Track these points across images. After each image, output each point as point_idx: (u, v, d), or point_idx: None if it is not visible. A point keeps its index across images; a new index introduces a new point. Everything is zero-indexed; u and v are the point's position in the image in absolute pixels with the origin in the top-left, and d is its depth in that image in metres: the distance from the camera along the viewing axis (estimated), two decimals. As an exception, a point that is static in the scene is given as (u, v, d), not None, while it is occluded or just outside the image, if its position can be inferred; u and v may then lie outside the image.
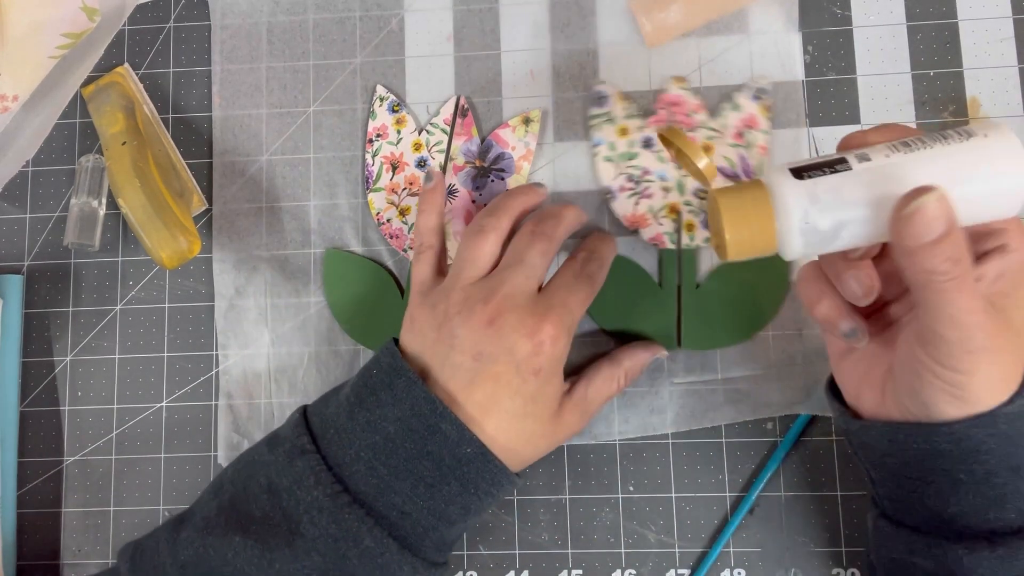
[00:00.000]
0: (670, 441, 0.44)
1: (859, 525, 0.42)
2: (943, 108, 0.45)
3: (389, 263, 0.46)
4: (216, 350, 0.46)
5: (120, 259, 0.47)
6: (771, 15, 0.46)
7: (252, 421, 0.46)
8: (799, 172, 0.30)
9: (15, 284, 0.47)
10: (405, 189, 0.46)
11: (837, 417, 0.37)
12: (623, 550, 0.44)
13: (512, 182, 0.45)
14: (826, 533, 0.43)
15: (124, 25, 0.49)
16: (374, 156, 0.46)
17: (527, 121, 0.46)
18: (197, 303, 0.47)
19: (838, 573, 0.42)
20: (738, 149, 0.44)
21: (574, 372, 0.41)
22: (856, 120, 0.45)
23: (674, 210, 0.44)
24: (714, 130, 0.45)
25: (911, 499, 0.34)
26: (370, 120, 0.47)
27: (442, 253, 0.41)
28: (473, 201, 0.46)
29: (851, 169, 0.30)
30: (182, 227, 0.42)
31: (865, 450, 0.35)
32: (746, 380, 0.44)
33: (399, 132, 0.46)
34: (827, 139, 0.45)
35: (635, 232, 0.45)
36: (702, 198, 0.44)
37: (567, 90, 0.46)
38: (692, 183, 0.44)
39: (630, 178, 0.45)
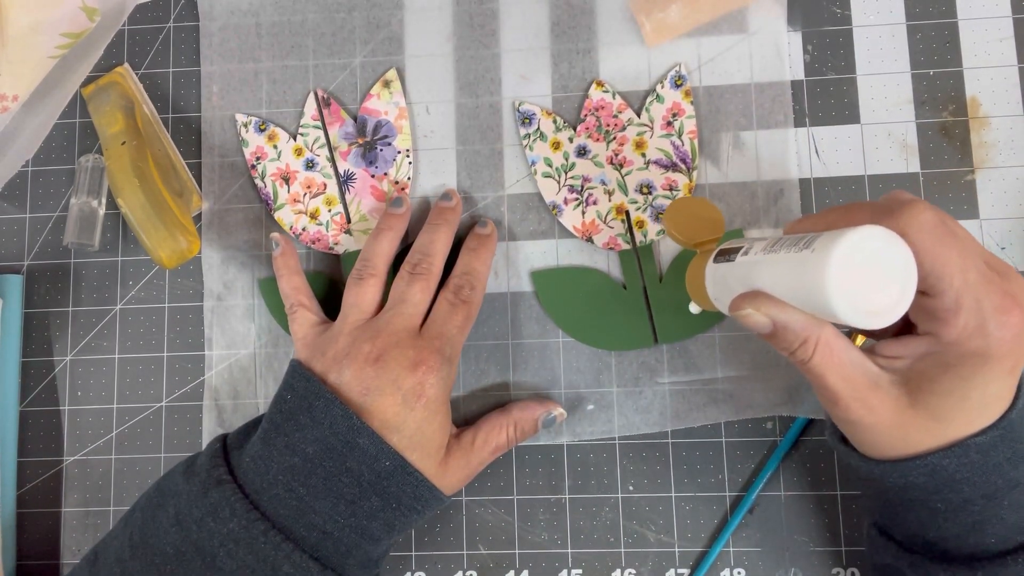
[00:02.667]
0: (670, 441, 0.44)
1: (859, 525, 0.42)
2: (943, 108, 0.45)
3: (323, 267, 0.46)
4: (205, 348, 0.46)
5: (120, 259, 0.47)
6: (771, 15, 0.46)
7: (237, 416, 0.46)
8: (719, 255, 0.35)
9: (15, 284, 0.47)
10: (306, 194, 0.46)
11: (827, 436, 0.37)
12: (623, 550, 0.43)
13: (398, 143, 0.46)
14: (826, 533, 0.43)
15: (124, 25, 0.49)
16: (263, 179, 0.47)
17: (387, 83, 0.47)
18: (197, 303, 0.47)
19: (838, 573, 0.42)
20: (670, 138, 0.45)
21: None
22: (856, 119, 0.45)
23: (621, 211, 0.45)
24: (644, 125, 0.45)
25: (896, 520, 0.35)
26: (243, 148, 0.47)
27: (315, 308, 0.43)
28: (372, 175, 0.46)
29: (733, 261, 0.34)
30: (181, 227, 0.42)
31: (852, 471, 0.36)
32: (729, 381, 0.44)
33: (276, 147, 0.47)
34: (827, 139, 0.45)
35: (589, 240, 0.45)
36: (646, 193, 0.45)
37: (567, 90, 0.46)
38: (634, 181, 0.45)
39: (572, 188, 0.45)
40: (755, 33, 0.46)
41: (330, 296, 0.45)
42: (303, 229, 0.46)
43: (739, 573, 0.43)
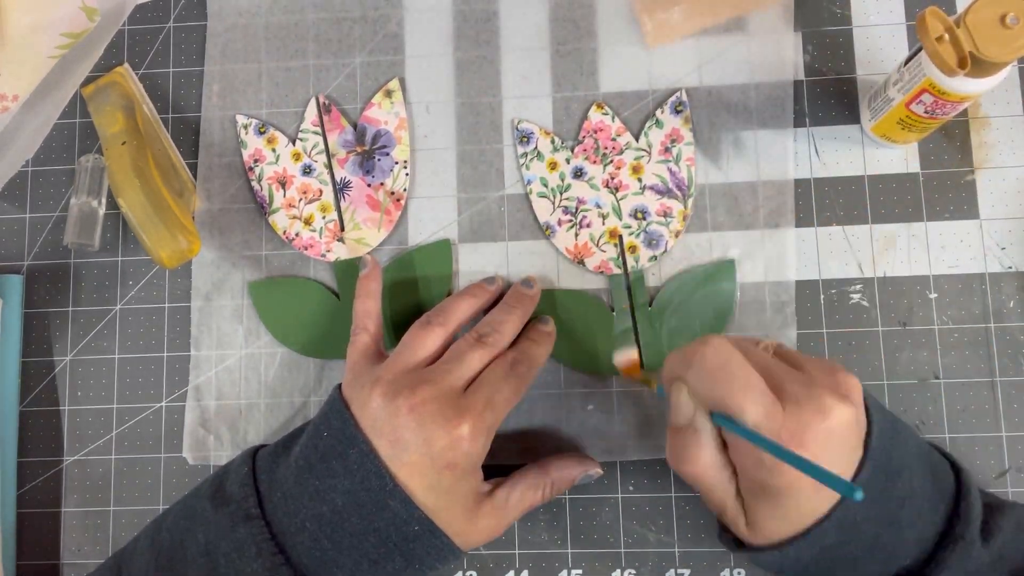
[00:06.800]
0: (670, 441, 0.44)
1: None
2: (943, 108, 0.45)
3: (312, 272, 0.46)
4: (191, 347, 0.46)
5: (120, 259, 0.47)
6: (770, 16, 0.46)
7: (220, 418, 0.46)
8: None
9: (15, 284, 0.47)
10: (301, 200, 0.46)
11: (725, 545, 0.38)
12: (623, 550, 0.43)
13: (396, 154, 0.46)
14: (826, 533, 0.43)
15: (124, 25, 0.49)
16: (259, 181, 0.47)
17: (389, 93, 0.47)
18: (197, 303, 0.47)
19: (838, 573, 0.42)
20: (667, 164, 0.45)
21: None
22: (856, 120, 0.45)
23: (614, 235, 0.45)
24: (641, 150, 0.45)
25: None
26: (242, 150, 0.47)
27: (377, 337, 0.42)
28: (368, 184, 0.46)
29: None
30: (182, 227, 0.42)
31: (764, 568, 0.37)
32: None
33: (274, 151, 0.47)
34: (827, 139, 0.45)
35: (580, 263, 0.45)
36: (640, 218, 0.44)
37: (566, 90, 0.46)
38: (629, 206, 0.45)
39: (567, 210, 0.45)
40: (755, 33, 0.46)
41: (322, 305, 0.45)
42: (296, 234, 0.46)
43: (739, 573, 0.43)
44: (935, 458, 0.36)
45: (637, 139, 0.45)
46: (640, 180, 0.45)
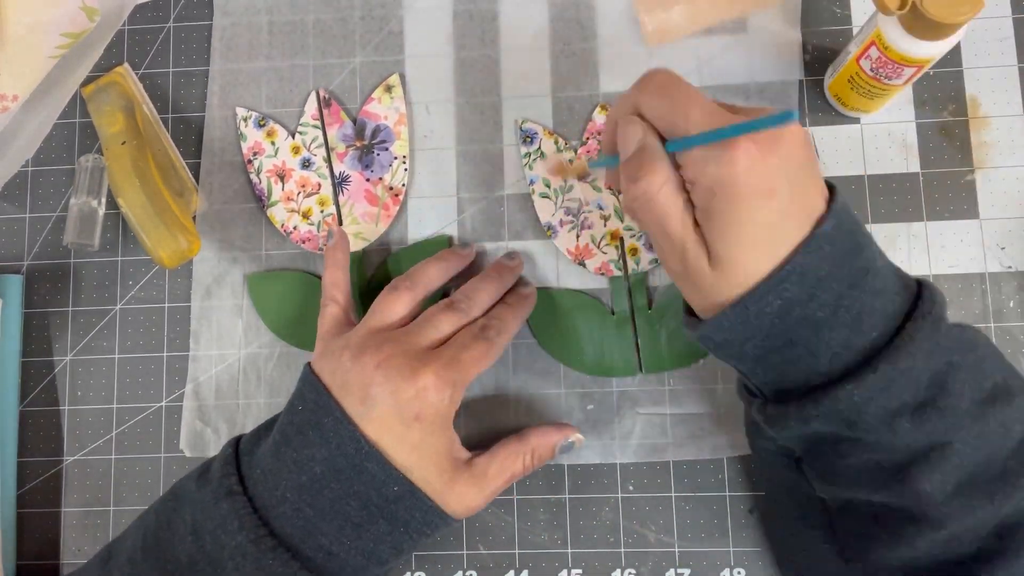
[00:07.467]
0: (671, 440, 0.44)
1: (859, 525, 0.42)
2: (943, 107, 0.45)
3: (310, 267, 0.46)
4: (189, 344, 0.46)
5: (120, 259, 0.47)
6: (772, 16, 0.46)
7: (217, 411, 0.46)
8: None
9: (15, 284, 0.47)
10: (299, 193, 0.46)
11: (690, 334, 0.35)
12: (623, 550, 0.44)
13: (395, 149, 0.46)
14: (826, 533, 0.43)
15: (124, 25, 0.49)
16: (258, 174, 0.47)
17: (389, 88, 0.47)
18: (197, 303, 0.47)
19: (838, 573, 0.42)
20: None
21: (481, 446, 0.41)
22: (856, 119, 0.45)
23: (615, 237, 0.45)
24: None
25: (786, 372, 0.33)
26: (241, 142, 0.47)
27: (346, 307, 0.42)
28: (367, 179, 0.46)
29: None
30: (182, 227, 0.42)
31: (726, 348, 0.34)
32: (708, 418, 0.43)
33: (273, 144, 0.47)
34: (827, 138, 0.45)
35: (581, 264, 0.45)
36: None
37: (567, 90, 0.46)
38: None
39: (568, 211, 0.45)
40: (757, 33, 0.46)
41: (318, 299, 0.45)
42: (294, 228, 0.46)
43: (739, 573, 0.43)
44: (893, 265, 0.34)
45: None
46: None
